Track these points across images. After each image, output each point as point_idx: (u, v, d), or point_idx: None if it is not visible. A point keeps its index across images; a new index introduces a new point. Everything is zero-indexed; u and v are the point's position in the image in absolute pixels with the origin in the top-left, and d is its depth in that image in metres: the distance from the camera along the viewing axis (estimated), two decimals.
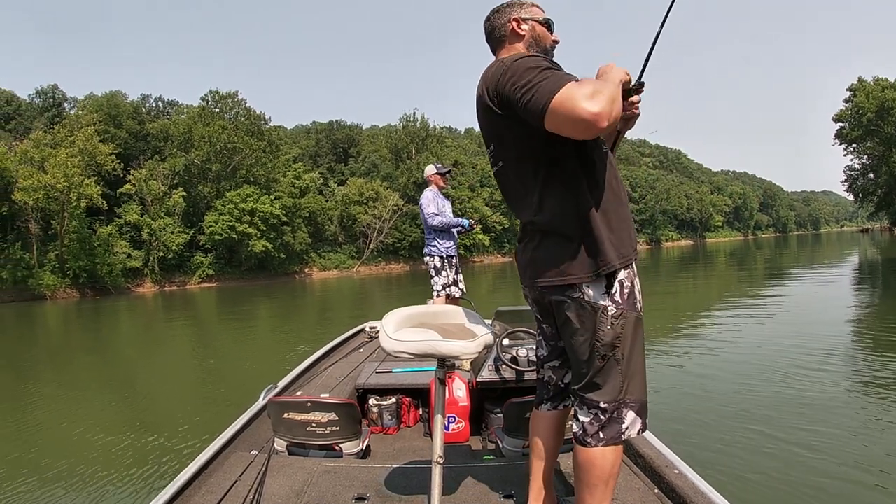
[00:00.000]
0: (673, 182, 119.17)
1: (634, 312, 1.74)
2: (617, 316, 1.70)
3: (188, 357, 11.86)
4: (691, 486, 2.14)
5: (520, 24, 1.93)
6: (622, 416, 1.72)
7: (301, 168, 61.73)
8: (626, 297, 1.72)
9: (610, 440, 1.72)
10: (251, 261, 50.00)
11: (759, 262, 32.77)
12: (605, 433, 1.72)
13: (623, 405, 1.72)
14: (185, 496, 2.26)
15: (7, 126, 52.68)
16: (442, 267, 5.51)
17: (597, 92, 1.49)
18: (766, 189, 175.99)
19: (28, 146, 40.88)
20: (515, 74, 1.65)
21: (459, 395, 3.40)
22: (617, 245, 1.71)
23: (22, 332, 20.22)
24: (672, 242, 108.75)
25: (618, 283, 1.71)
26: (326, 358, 4.68)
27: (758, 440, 4.49)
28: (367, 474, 2.50)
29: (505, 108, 1.71)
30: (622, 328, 1.71)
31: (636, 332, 1.75)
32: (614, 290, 1.71)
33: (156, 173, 49.36)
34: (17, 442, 5.99)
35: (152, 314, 24.68)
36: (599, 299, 1.70)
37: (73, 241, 40.49)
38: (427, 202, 5.50)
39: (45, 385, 9.36)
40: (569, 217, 1.72)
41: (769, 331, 9.42)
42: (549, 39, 1.96)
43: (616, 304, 1.71)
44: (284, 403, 2.87)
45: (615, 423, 1.72)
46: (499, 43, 1.98)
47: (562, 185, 1.73)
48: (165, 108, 64.73)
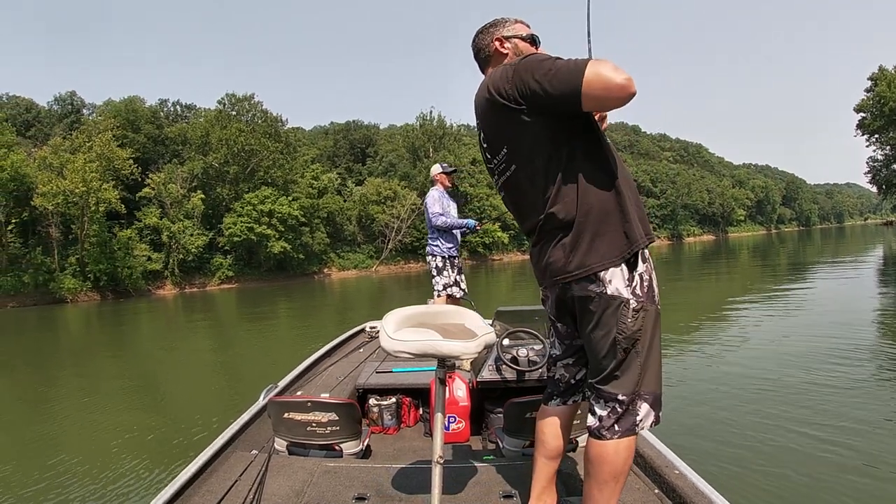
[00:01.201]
0: (694, 176, 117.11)
1: (654, 305, 1.78)
2: (638, 309, 1.73)
3: (206, 357, 11.91)
4: (691, 486, 2.15)
5: (503, 43, 2.00)
6: (637, 408, 1.74)
7: (319, 169, 61.84)
8: (646, 290, 1.76)
9: (625, 432, 1.73)
10: (270, 262, 50.12)
11: (781, 257, 32.31)
12: (621, 425, 1.73)
13: (638, 397, 1.74)
14: (186, 496, 2.26)
15: (27, 133, 53.17)
16: (444, 267, 5.51)
17: (614, 65, 1.56)
18: (788, 182, 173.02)
19: (47, 152, 41.37)
20: (531, 68, 1.70)
21: (460, 395, 3.41)
22: (637, 225, 1.75)
23: (42, 334, 20.32)
24: (694, 237, 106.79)
25: (638, 277, 1.74)
26: (327, 358, 4.70)
27: (762, 439, 4.51)
28: (368, 474, 2.51)
29: (528, 100, 1.72)
30: (643, 321, 1.74)
31: (655, 325, 1.78)
32: (635, 284, 1.74)
33: (174, 177, 49.76)
34: (35, 437, 6.20)
35: (172, 316, 24.83)
36: (623, 292, 1.73)
37: (94, 244, 40.93)
38: (432, 202, 5.48)
39: (64, 385, 9.63)
40: (588, 206, 1.73)
41: (786, 327, 9.32)
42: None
43: (637, 297, 1.74)
44: (285, 403, 2.88)
45: (630, 415, 1.74)
46: (485, 63, 2.06)
47: (577, 177, 1.75)
48: (184, 112, 65.16)
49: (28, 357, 13.88)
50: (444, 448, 2.11)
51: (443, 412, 2.06)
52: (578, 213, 1.74)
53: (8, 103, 56.54)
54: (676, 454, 2.43)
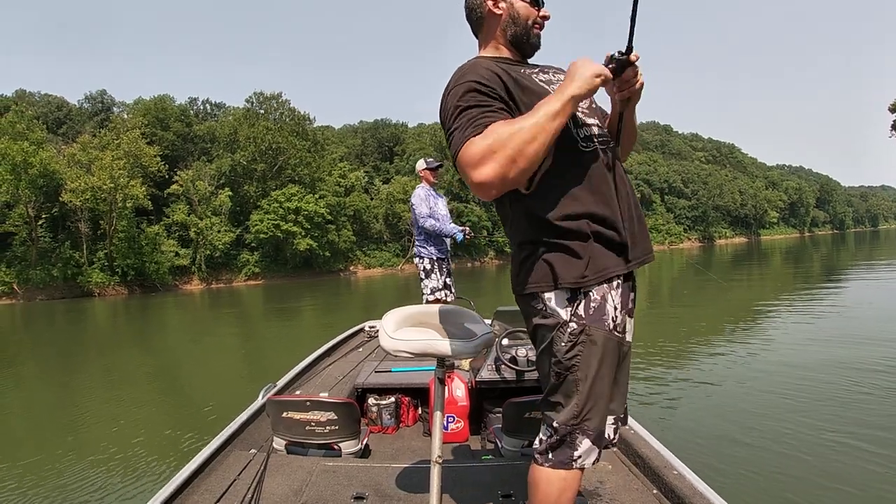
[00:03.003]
0: (726, 177, 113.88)
1: (602, 331, 1.55)
2: (577, 333, 1.55)
3: (230, 350, 12.15)
4: (689, 486, 2.13)
5: (497, 2, 1.74)
6: (575, 442, 1.55)
7: (346, 167, 61.87)
8: (593, 311, 1.55)
9: (558, 464, 1.57)
10: (296, 259, 50.18)
11: (815, 261, 31.50)
12: (556, 455, 1.57)
13: (578, 430, 1.55)
14: (184, 495, 2.24)
15: (59, 131, 53.73)
16: (432, 270, 5.31)
17: (488, 155, 1.43)
18: (822, 184, 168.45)
19: (76, 149, 42.09)
20: (447, 110, 1.59)
21: (459, 395, 3.39)
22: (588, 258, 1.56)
23: (71, 326, 20.75)
24: (725, 240, 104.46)
25: (583, 296, 1.56)
26: (326, 357, 4.68)
27: (764, 443, 4.50)
28: (366, 473, 2.50)
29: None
30: (582, 348, 1.54)
31: (604, 354, 1.55)
32: (578, 304, 1.56)
33: (202, 174, 50.29)
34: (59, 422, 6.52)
35: (198, 310, 25.14)
36: (560, 313, 1.57)
37: (122, 240, 41.67)
38: (419, 201, 5.26)
39: (89, 374, 10.01)
40: (533, 227, 1.62)
41: (808, 333, 9.13)
42: (530, 16, 1.74)
43: (578, 318, 1.55)
44: (283, 402, 2.87)
45: (567, 448, 1.56)
46: (477, 25, 1.81)
47: (527, 196, 1.61)
48: (213, 111, 65.62)
49: (56, 347, 14.30)
50: (443, 448, 2.08)
51: (442, 412, 2.03)
52: (525, 234, 1.64)
53: (40, 101, 57.30)
54: (675, 454, 2.40)
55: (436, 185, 5.51)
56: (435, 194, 5.43)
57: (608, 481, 2.40)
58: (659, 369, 7.31)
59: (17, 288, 37.62)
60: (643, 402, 5.88)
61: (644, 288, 22.74)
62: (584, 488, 2.33)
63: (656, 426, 4.85)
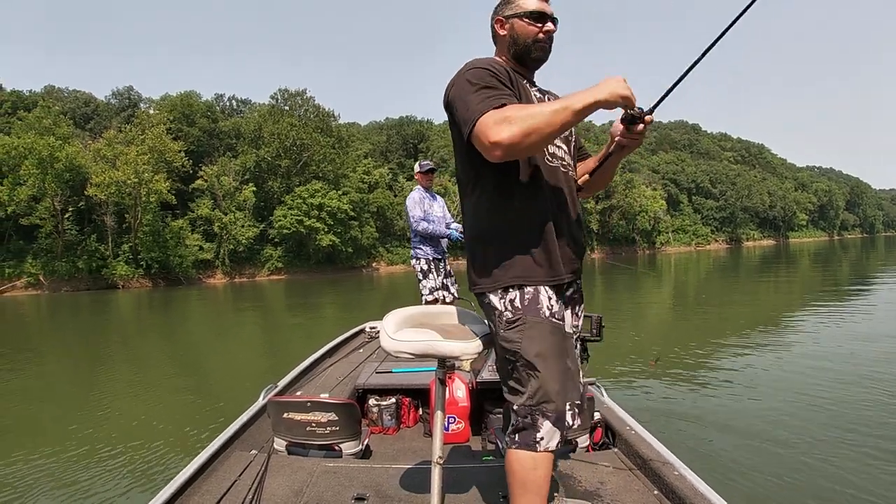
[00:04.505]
0: (755, 178, 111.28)
1: (536, 318, 1.71)
2: (513, 321, 1.72)
3: (251, 342, 12.39)
4: (690, 487, 2.14)
5: (502, 24, 1.89)
6: (537, 423, 1.69)
7: (370, 164, 61.87)
8: (527, 303, 1.72)
9: (524, 445, 1.70)
10: (319, 254, 50.27)
11: (844, 265, 30.41)
12: (521, 437, 1.70)
13: (537, 412, 1.69)
14: (185, 496, 2.24)
15: (86, 126, 54.33)
16: (429, 270, 5.39)
17: (505, 121, 1.55)
18: (852, 186, 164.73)
19: (101, 144, 42.70)
20: (458, 84, 1.71)
21: (459, 396, 3.39)
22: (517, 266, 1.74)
23: (95, 317, 21.02)
24: (753, 242, 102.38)
25: (517, 290, 1.73)
26: (326, 358, 4.68)
27: (767, 445, 4.48)
28: (367, 474, 2.51)
29: (449, 114, 1.76)
30: (520, 333, 1.70)
31: (543, 339, 1.70)
32: (513, 297, 1.73)
33: (227, 169, 50.60)
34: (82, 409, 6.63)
35: (221, 303, 25.35)
36: (496, 304, 1.76)
37: (146, 233, 42.08)
38: (412, 204, 5.36)
39: (111, 363, 10.24)
40: (483, 227, 1.80)
41: (827, 340, 8.68)
42: (530, 35, 1.84)
43: (514, 309, 1.72)
44: (284, 403, 2.87)
45: (531, 430, 1.69)
46: (495, 44, 1.97)
47: (482, 195, 1.80)
48: (239, 107, 65.95)
49: (79, 337, 14.75)
50: (444, 448, 2.10)
51: (442, 412, 2.03)
52: (476, 232, 1.82)
53: (68, 97, 58.05)
54: (676, 455, 2.40)
55: (430, 187, 5.57)
56: (430, 196, 5.49)
57: (609, 482, 2.39)
58: (660, 370, 7.28)
59: (44, 279, 38.13)
60: (644, 403, 5.86)
61: (663, 290, 22.61)
62: (586, 489, 2.33)
63: (657, 427, 4.78)
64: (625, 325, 11.52)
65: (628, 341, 9.65)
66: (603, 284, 23.79)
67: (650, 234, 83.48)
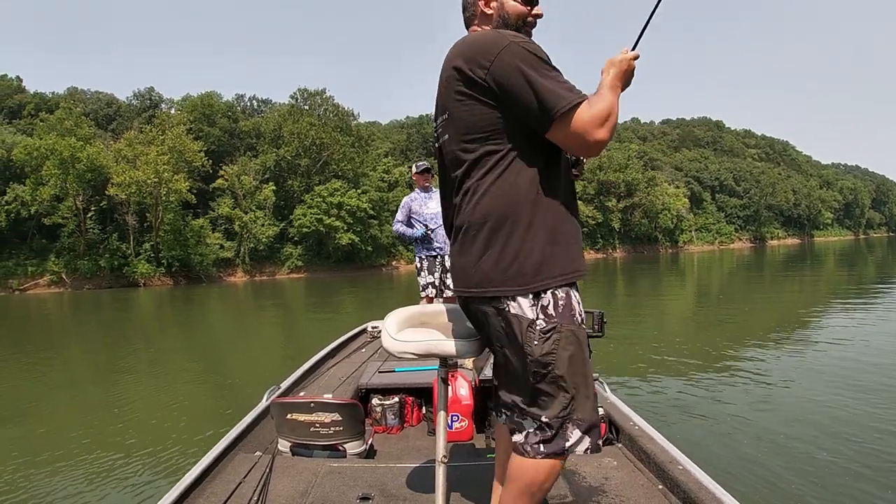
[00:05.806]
0: (779, 175, 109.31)
1: (572, 326, 1.55)
2: (548, 331, 1.52)
3: (270, 339, 12.46)
4: (695, 481, 2.13)
5: (487, 2, 1.71)
6: (567, 432, 1.56)
7: (390, 162, 61.89)
8: (562, 309, 1.54)
9: (551, 454, 1.56)
10: (339, 253, 50.23)
11: (870, 266, 29.48)
12: (548, 447, 1.56)
13: (568, 421, 1.56)
14: (190, 498, 2.24)
15: (109, 127, 54.79)
16: (422, 268, 5.51)
17: (608, 116, 1.45)
18: (878, 184, 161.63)
19: (122, 145, 43.18)
20: (519, 55, 1.47)
21: (462, 394, 3.39)
22: (557, 260, 1.54)
23: (116, 314, 21.30)
24: (777, 240, 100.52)
25: (550, 295, 1.53)
26: (329, 358, 4.69)
27: (773, 440, 4.49)
28: (372, 474, 2.51)
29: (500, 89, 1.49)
30: (555, 344, 1.52)
31: (578, 348, 1.55)
32: (547, 303, 1.52)
33: (247, 169, 50.87)
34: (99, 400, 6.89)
35: (242, 301, 25.55)
36: (527, 312, 1.53)
37: (168, 232, 42.44)
38: (400, 207, 5.56)
39: (131, 358, 10.38)
40: (506, 216, 1.53)
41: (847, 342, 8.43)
42: (521, 15, 1.69)
43: (548, 317, 1.53)
44: (287, 404, 2.88)
45: (559, 439, 1.56)
46: (469, 23, 1.77)
47: (505, 179, 1.54)
48: (259, 107, 66.25)
49: (101, 333, 14.97)
50: (448, 447, 2.12)
51: (446, 411, 2.02)
52: (494, 222, 1.54)
53: (90, 98, 58.58)
54: (681, 450, 2.37)
55: (428, 187, 5.61)
56: (423, 198, 5.54)
57: (614, 477, 2.38)
58: (665, 366, 7.27)
59: (66, 277, 38.56)
60: (648, 398, 5.84)
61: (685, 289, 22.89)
62: (590, 485, 2.31)
63: (661, 422, 4.83)
64: (629, 323, 11.56)
65: (634, 338, 9.56)
66: (624, 282, 23.34)
67: (673, 233, 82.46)
